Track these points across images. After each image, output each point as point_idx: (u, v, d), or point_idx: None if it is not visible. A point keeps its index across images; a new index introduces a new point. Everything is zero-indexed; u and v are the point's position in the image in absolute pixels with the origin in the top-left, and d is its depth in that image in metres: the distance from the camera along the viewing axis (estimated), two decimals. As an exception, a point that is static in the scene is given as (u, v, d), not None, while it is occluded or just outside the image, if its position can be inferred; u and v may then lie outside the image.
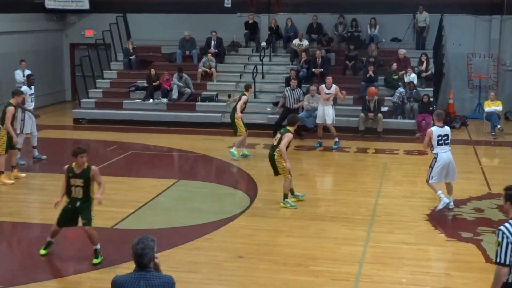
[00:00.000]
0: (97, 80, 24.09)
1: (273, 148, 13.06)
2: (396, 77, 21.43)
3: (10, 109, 14.43)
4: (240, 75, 23.36)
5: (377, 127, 19.92)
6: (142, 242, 5.64)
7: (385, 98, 21.12)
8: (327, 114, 18.35)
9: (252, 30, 24.69)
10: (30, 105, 16.64)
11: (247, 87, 17.46)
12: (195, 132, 20.28)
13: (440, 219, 12.23)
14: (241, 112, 16.91)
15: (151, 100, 22.34)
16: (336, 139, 18.36)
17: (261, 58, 22.94)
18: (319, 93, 18.90)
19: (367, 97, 20.13)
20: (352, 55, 22.64)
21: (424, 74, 21.87)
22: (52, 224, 10.55)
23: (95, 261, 10.05)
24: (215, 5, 25.20)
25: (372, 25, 23.76)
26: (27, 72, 22.17)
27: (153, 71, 22.73)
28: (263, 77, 22.99)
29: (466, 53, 23.51)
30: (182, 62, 24.02)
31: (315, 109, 19.81)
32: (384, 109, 20.43)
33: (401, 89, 20.59)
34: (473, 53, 23.52)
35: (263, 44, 23.93)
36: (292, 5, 24.78)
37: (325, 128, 18.57)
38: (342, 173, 15.83)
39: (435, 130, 12.25)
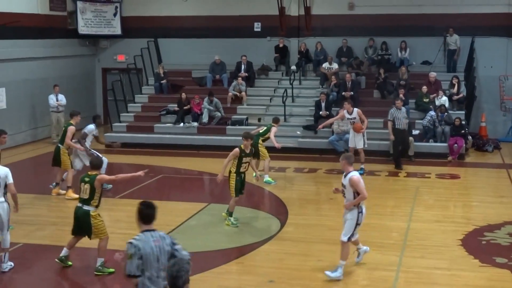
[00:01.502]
0: (128, 104, 24.28)
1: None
2: (427, 100, 21.26)
3: (71, 128, 15.27)
4: (270, 99, 23.38)
5: (408, 151, 19.74)
6: (178, 264, 5.62)
7: (416, 121, 20.95)
8: (357, 137, 18.16)
9: (282, 54, 24.74)
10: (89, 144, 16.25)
11: (276, 120, 17.50)
12: (225, 155, 19.94)
13: (474, 244, 12.02)
14: (263, 141, 17.05)
15: (181, 124, 22.43)
16: (362, 166, 17.94)
17: (291, 81, 22.95)
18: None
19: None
20: (382, 78, 22.54)
21: (455, 97, 21.67)
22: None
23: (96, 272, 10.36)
24: (245, 29, 25.31)
25: (402, 48, 23.66)
26: (60, 96, 22.56)
27: (183, 95, 22.85)
28: (293, 101, 22.97)
29: (498, 75, 23.29)
30: (212, 86, 24.12)
31: (345, 132, 19.74)
32: (415, 132, 20.26)
33: (432, 112, 20.41)
34: (505, 75, 23.27)
35: (293, 67, 23.94)
36: (321, 29, 24.80)
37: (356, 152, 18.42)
38: (373, 197, 15.57)
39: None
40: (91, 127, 16.26)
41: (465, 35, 22.90)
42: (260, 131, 17.32)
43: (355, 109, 18.08)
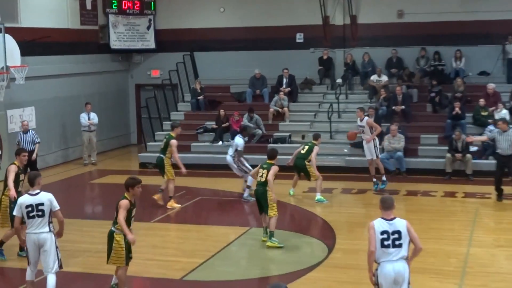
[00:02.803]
0: (163, 122, 24.44)
1: (263, 184, 13.47)
2: (486, 113, 20.98)
3: (174, 142, 16.66)
4: (315, 115, 23.33)
5: (466, 169, 19.47)
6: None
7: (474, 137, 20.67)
8: (369, 148, 18.24)
9: (326, 66, 24.71)
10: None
11: (316, 137, 17.62)
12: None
13: (541, 271, 11.77)
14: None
15: (220, 143, 22.50)
16: (384, 178, 18.14)
17: (337, 96, 22.89)
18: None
19: (453, 136, 19.75)
20: (435, 91, 22.33)
21: (516, 110, 21.36)
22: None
23: None
24: (286, 41, 25.35)
25: (457, 57, 23.45)
26: (92, 115, 22.84)
27: (222, 111, 22.94)
28: (339, 116, 22.89)
29: None
30: (252, 102, 24.18)
31: (397, 150, 19.65)
32: (473, 149, 19.97)
33: (491, 127, 20.10)
34: None
35: (339, 81, 23.88)
36: (369, 38, 24.72)
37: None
38: (428, 220, 15.42)
39: (378, 225, 8.82)
40: (241, 141, 17.78)
41: (525, 42, 22.62)
42: (302, 152, 17.37)
43: (366, 118, 18.33)
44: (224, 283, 11.72)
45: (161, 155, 17.09)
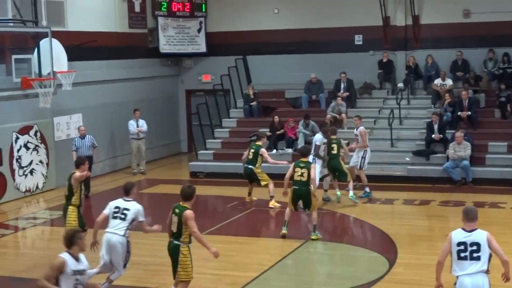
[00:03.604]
0: (215, 130, 24.66)
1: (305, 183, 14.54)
2: None
3: (264, 150, 17.94)
4: (374, 121, 23.27)
5: (538, 179, 19.25)
6: None
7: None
8: (357, 157, 19.03)
9: (387, 69, 24.62)
10: None
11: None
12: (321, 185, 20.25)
13: None
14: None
15: (274, 151, 22.57)
16: (367, 189, 18.85)
17: (398, 101, 22.79)
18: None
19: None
20: (504, 95, 22.08)
21: None
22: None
23: None
24: (344, 43, 25.34)
25: (528, 60, 23.19)
26: (141, 122, 23.14)
27: (276, 118, 23.04)
28: (400, 123, 22.78)
29: None
30: (308, 108, 24.25)
31: (463, 158, 19.52)
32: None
33: None
34: None
35: (400, 85, 23.78)
36: (432, 40, 24.56)
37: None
38: (497, 233, 14.95)
39: (456, 235, 8.92)
40: (320, 136, 18.17)
41: None
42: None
43: (361, 127, 19.14)
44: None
45: (250, 166, 18.22)
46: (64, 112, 21.44)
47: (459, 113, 21.71)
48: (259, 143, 17.77)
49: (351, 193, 17.93)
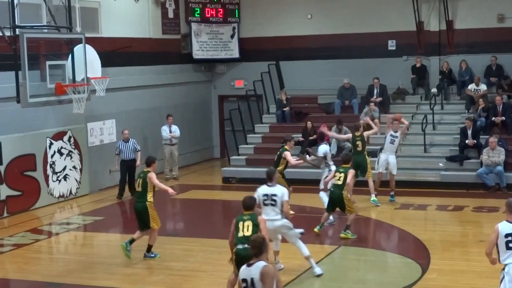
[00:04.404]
0: (248, 135, 24.73)
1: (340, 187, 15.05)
2: None
3: (287, 152, 17.38)
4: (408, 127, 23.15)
5: None
6: None
7: None
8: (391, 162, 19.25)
9: (420, 75, 24.54)
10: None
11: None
12: (357, 191, 20.21)
13: None
14: None
15: (307, 157, 22.55)
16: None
17: (432, 106, 22.69)
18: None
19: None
20: (539, 101, 21.95)
21: None
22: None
23: None
24: (377, 48, 25.30)
25: (562, 64, 22.99)
26: (174, 127, 23.29)
27: (309, 123, 23.06)
28: (434, 128, 22.68)
29: None
30: (341, 113, 24.23)
31: (497, 164, 19.43)
32: None
33: None
34: None
35: (434, 90, 23.68)
36: (466, 45, 24.44)
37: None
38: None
39: (503, 228, 9.38)
40: (325, 148, 18.19)
41: None
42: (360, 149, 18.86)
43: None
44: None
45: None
46: (98, 118, 21.66)
47: (493, 118, 21.56)
48: (286, 146, 17.68)
49: (373, 196, 18.46)
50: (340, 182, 15.11)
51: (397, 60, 25.17)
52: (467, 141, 20.97)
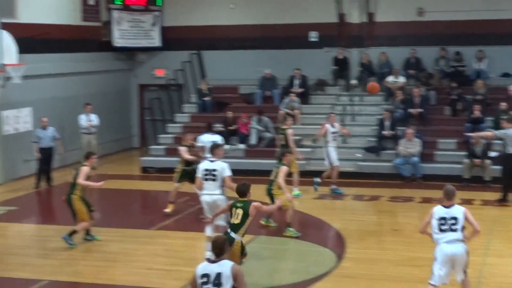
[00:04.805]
0: (168, 125, 24.61)
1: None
2: (507, 117, 21.01)
3: (182, 148, 17.30)
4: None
5: (484, 175, 19.55)
6: None
7: (494, 142, 20.72)
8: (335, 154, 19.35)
9: (341, 66, 24.81)
10: None
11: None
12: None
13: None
14: None
15: (227, 146, 22.62)
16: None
17: (351, 97, 22.97)
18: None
19: (472, 140, 19.82)
20: (455, 93, 22.42)
21: (540, 114, 21.40)
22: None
23: None
24: (299, 39, 25.46)
25: (479, 58, 23.53)
26: (92, 116, 22.97)
27: (230, 113, 23.10)
28: (353, 119, 23.00)
29: None
30: (262, 104, 24.33)
31: (413, 155, 19.83)
32: (492, 154, 20.03)
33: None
34: None
35: (354, 82, 23.98)
36: (386, 38, 24.82)
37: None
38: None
39: (437, 211, 10.28)
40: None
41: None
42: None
43: (336, 123, 19.55)
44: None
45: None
46: (13, 106, 21.21)
47: (410, 110, 21.98)
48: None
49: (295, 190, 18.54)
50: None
51: (318, 51, 25.34)
52: (384, 132, 21.34)
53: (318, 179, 19.21)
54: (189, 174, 16.82)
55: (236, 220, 10.98)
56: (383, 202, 18.19)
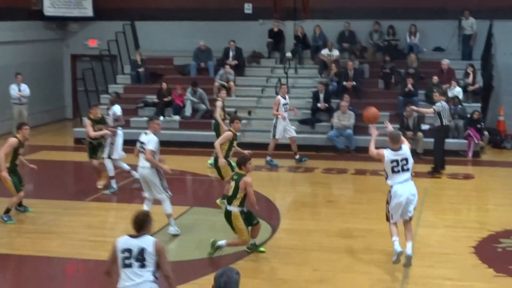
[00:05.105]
0: (101, 96, 24.25)
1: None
2: (440, 91, 21.38)
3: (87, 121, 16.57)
4: (262, 90, 23.51)
5: (417, 148, 19.88)
6: (226, 275, 5.79)
7: (426, 115, 21.05)
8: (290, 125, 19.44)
9: (276, 39, 24.83)
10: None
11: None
12: (210, 153, 20.34)
13: (488, 252, 12.17)
14: None
15: (161, 118, 22.45)
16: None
17: (286, 70, 23.06)
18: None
19: (405, 113, 20.14)
20: (388, 67, 22.70)
21: (470, 88, 21.85)
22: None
23: None
24: (234, 11, 25.40)
25: (411, 32, 23.83)
26: (23, 86, 22.55)
27: (164, 85, 22.94)
28: (288, 92, 23.02)
29: (520, 63, 23.47)
30: (196, 75, 24.24)
31: (347, 127, 20.03)
32: (424, 127, 20.38)
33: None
34: (528, 63, 23.46)
35: (288, 54, 24.05)
36: (321, 10, 24.91)
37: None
38: (378, 199, 15.60)
39: (388, 154, 11.03)
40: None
41: (482, 18, 23.04)
42: None
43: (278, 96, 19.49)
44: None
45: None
46: None
47: (344, 83, 22.18)
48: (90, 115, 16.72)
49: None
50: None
51: (253, 23, 25.39)
52: (319, 105, 21.51)
53: (268, 158, 19.23)
54: (94, 149, 16.46)
55: (229, 193, 11.38)
56: (317, 174, 18.36)
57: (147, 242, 7.64)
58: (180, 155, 20.47)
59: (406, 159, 10.97)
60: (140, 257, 7.59)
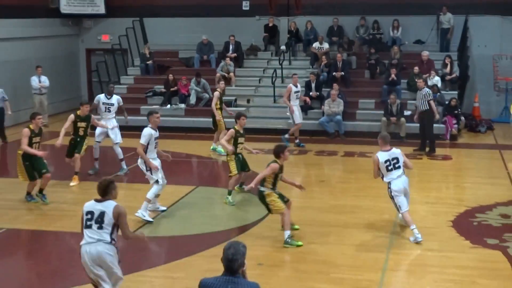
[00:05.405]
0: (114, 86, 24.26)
1: None
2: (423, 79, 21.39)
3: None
4: (259, 80, 23.52)
5: (400, 132, 19.94)
6: (234, 248, 5.84)
7: (408, 101, 21.12)
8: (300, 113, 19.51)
9: (271, 33, 24.82)
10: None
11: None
12: (212, 138, 20.38)
13: (465, 226, 12.25)
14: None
15: (168, 106, 22.54)
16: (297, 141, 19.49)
17: (281, 62, 23.06)
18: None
19: (389, 100, 20.18)
20: (373, 58, 22.70)
21: (448, 77, 21.87)
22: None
23: None
24: (233, 8, 25.36)
25: (394, 27, 23.82)
26: (43, 78, 22.56)
27: (170, 76, 22.94)
28: (282, 81, 23.07)
29: (492, 54, 23.48)
30: (200, 67, 24.23)
31: (336, 113, 20.03)
32: (406, 113, 20.43)
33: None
34: (500, 54, 23.48)
35: (283, 47, 24.05)
36: (312, 7, 24.90)
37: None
38: (365, 179, 15.73)
39: (381, 156, 11.51)
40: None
41: (459, 13, 23.04)
42: None
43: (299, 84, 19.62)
44: (170, 238, 11.97)
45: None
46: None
47: (334, 73, 22.19)
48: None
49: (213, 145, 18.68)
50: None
51: (251, 19, 25.35)
52: (311, 93, 21.51)
53: (286, 136, 19.41)
54: (75, 145, 16.05)
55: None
56: (310, 156, 18.42)
57: (108, 206, 7.86)
58: (186, 140, 20.53)
59: (397, 158, 11.49)
60: (99, 219, 7.83)
